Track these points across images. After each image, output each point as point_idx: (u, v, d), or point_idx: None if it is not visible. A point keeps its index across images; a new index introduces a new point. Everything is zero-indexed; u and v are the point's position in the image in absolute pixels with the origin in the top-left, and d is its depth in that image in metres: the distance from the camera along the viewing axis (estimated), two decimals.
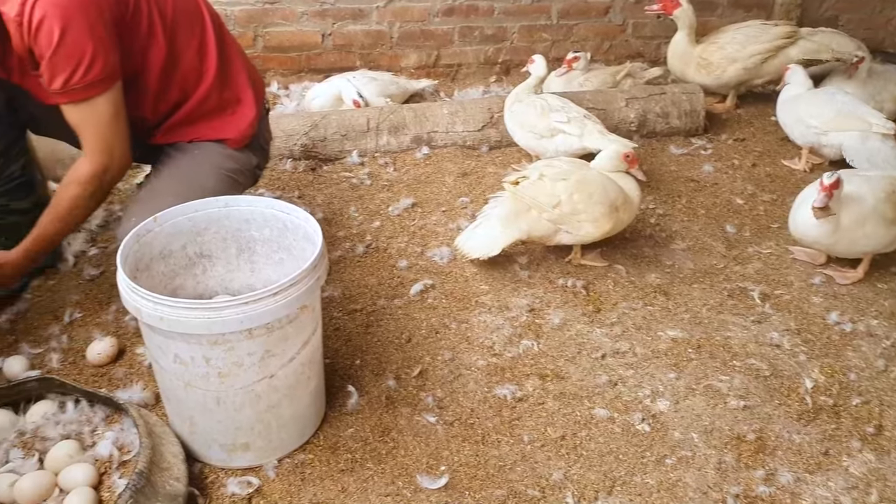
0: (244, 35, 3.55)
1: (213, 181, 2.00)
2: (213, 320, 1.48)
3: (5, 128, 2.00)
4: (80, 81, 1.71)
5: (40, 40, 1.67)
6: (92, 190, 1.84)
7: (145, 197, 1.92)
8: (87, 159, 1.82)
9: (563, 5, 3.83)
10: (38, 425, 1.70)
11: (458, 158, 3.02)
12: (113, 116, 1.80)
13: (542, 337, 2.10)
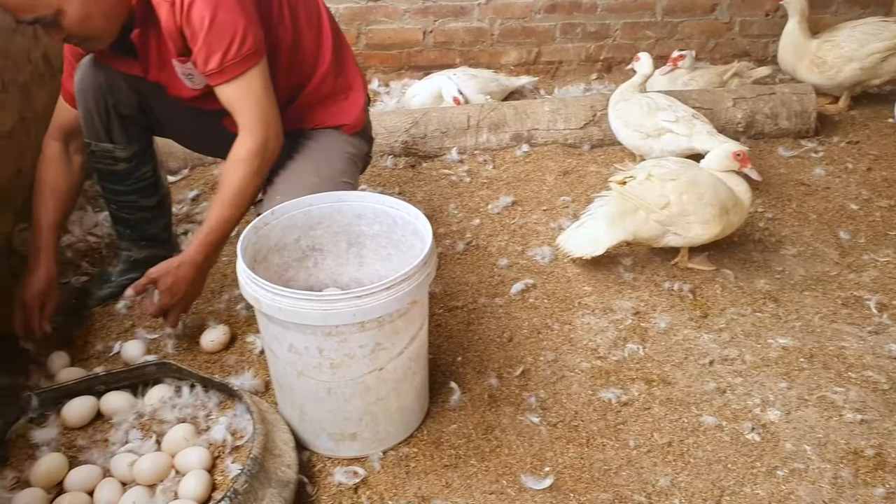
0: (348, 33, 3.60)
1: (342, 163, 2.03)
2: (328, 312, 1.51)
3: (138, 131, 2.07)
4: (235, 56, 1.74)
5: (193, 20, 1.70)
6: (257, 165, 1.83)
7: (287, 178, 1.94)
8: (246, 136, 1.82)
9: (668, 2, 3.75)
10: (155, 408, 1.76)
11: (558, 157, 3.00)
12: (266, 88, 1.82)
13: (648, 341, 2.07)
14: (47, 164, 2.06)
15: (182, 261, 1.86)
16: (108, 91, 1.95)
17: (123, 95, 1.97)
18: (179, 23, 1.73)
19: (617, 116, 2.86)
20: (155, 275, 1.86)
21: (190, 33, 1.74)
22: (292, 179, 1.93)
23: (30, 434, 1.70)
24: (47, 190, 2.04)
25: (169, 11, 1.72)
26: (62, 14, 1.67)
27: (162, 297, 1.86)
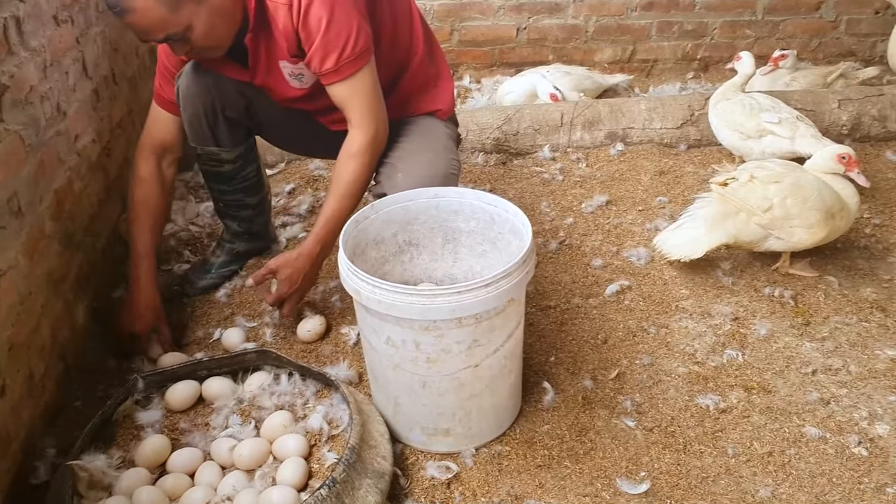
0: (441, 29, 3.62)
1: (448, 142, 2.07)
2: (427, 307, 1.51)
3: (243, 134, 2.12)
4: (350, 55, 1.77)
5: (310, 21, 1.74)
6: (369, 158, 1.89)
7: (404, 157, 1.96)
8: (358, 131, 1.86)
9: (770, 0, 3.63)
10: (254, 394, 1.80)
11: (654, 156, 2.94)
12: (375, 84, 1.86)
13: (747, 347, 2.01)
14: (141, 184, 2.06)
15: (300, 252, 1.92)
16: (217, 96, 2.00)
17: (231, 99, 2.02)
18: (296, 24, 1.76)
19: (717, 116, 2.79)
20: (275, 266, 1.93)
21: (305, 34, 1.77)
22: (409, 159, 1.95)
23: (135, 415, 1.76)
24: (142, 210, 2.05)
25: (287, 14, 1.75)
26: (191, 29, 1.72)
27: (280, 287, 1.94)
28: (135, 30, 1.72)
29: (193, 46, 1.78)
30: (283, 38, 1.81)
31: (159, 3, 1.64)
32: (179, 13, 1.67)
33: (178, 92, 2.00)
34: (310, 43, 1.77)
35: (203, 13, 1.70)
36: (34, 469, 1.64)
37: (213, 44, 1.79)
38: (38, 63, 1.85)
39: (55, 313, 1.87)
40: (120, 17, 1.69)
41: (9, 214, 1.64)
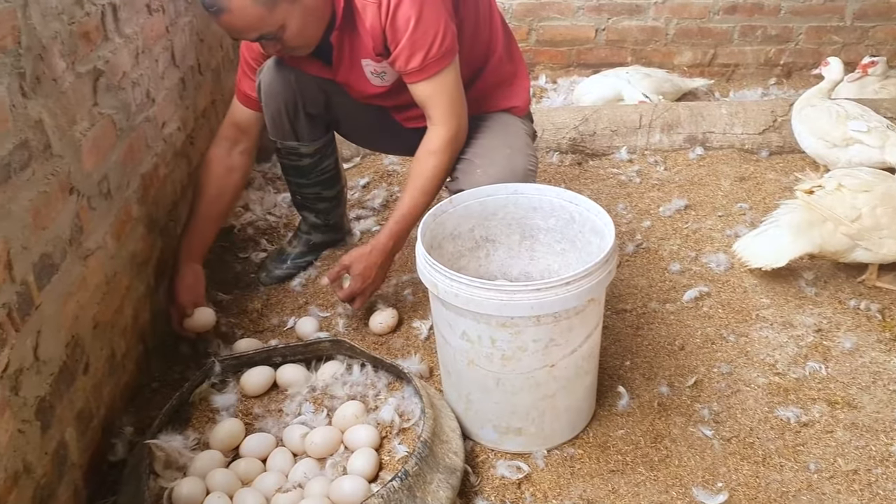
0: (519, 28, 3.60)
1: (525, 137, 2.07)
2: (505, 303, 1.49)
3: (322, 129, 2.15)
4: (435, 54, 1.78)
5: (399, 20, 1.75)
6: (449, 155, 1.90)
7: (483, 152, 1.96)
8: (439, 128, 1.87)
9: (860, 5, 3.52)
10: (327, 383, 1.81)
11: (734, 161, 2.87)
12: (458, 83, 1.87)
13: (831, 360, 1.94)
14: (210, 167, 2.09)
15: (373, 247, 1.93)
16: (300, 92, 2.02)
17: (312, 95, 2.04)
18: (384, 23, 1.77)
19: (801, 122, 2.70)
20: (348, 262, 1.95)
21: (392, 33, 1.77)
22: (487, 155, 1.95)
23: (211, 398, 1.79)
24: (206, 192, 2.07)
25: (375, 12, 1.76)
26: (284, 28, 1.73)
27: (354, 282, 1.95)
28: (229, 29, 1.73)
29: (285, 45, 1.79)
30: (369, 36, 1.81)
31: (255, 2, 1.65)
32: (274, 12, 1.68)
33: (259, 87, 2.03)
34: (396, 42, 1.78)
35: (296, 12, 1.71)
36: (112, 446, 1.68)
37: (303, 42, 1.81)
38: (131, 50, 1.89)
39: (137, 295, 1.91)
40: (216, 17, 1.70)
41: (99, 196, 1.68)
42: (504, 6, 3.53)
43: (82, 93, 1.62)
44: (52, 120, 1.48)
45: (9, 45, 1.34)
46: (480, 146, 1.99)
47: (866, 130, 2.56)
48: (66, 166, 1.54)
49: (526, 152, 1.98)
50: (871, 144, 2.55)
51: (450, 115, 1.86)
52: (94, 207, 1.66)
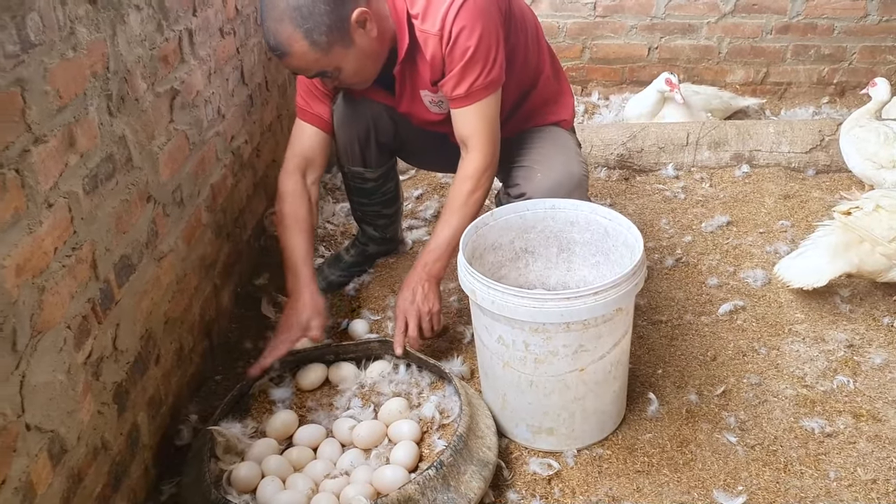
0: (573, 47, 3.70)
1: (576, 146, 2.19)
2: (538, 310, 1.61)
3: (388, 155, 2.30)
4: (482, 83, 1.90)
5: (456, 49, 1.87)
6: (486, 180, 2.00)
7: (539, 160, 2.07)
8: (475, 155, 1.97)
9: None
10: (375, 381, 1.95)
11: (780, 180, 2.93)
12: (497, 112, 1.98)
13: (860, 375, 2.00)
14: (289, 199, 2.11)
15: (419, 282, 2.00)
16: (374, 123, 2.17)
17: (384, 125, 2.19)
18: (444, 52, 1.89)
19: (849, 143, 2.74)
20: (403, 314, 1.98)
21: (450, 61, 1.90)
22: (545, 161, 2.06)
23: (269, 391, 1.95)
24: (294, 224, 2.10)
25: (437, 43, 1.89)
26: (340, 69, 1.87)
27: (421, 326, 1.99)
28: (291, 68, 1.88)
29: (342, 82, 1.93)
30: (428, 67, 1.93)
31: (312, 48, 1.79)
32: (330, 56, 1.82)
33: (333, 115, 2.16)
34: (451, 68, 1.90)
35: (350, 56, 1.84)
36: (178, 432, 1.85)
37: (360, 80, 1.94)
38: (205, 70, 2.07)
39: (204, 295, 2.08)
40: (279, 58, 1.86)
41: (173, 204, 1.86)
42: (559, 25, 3.64)
43: (160, 111, 1.80)
44: (133, 136, 1.66)
45: (99, 70, 1.52)
46: (537, 153, 2.11)
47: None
48: (145, 177, 1.71)
49: (578, 160, 2.10)
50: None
51: (487, 143, 1.97)
52: (168, 214, 1.84)
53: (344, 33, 1.81)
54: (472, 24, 1.85)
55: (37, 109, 1.31)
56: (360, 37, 1.83)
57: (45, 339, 1.32)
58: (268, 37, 1.81)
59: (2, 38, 1.21)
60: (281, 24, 1.77)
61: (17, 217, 1.25)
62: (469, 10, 1.85)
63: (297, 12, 1.75)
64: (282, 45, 1.79)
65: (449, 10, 1.85)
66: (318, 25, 1.77)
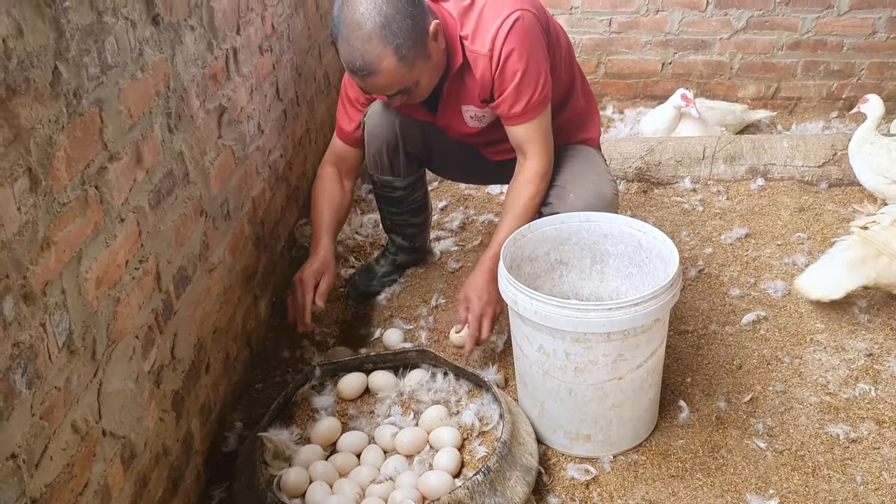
0: (588, 62, 3.78)
1: (605, 165, 2.27)
2: (580, 320, 1.68)
3: (417, 165, 2.36)
4: (537, 99, 1.99)
5: (507, 70, 1.95)
6: (543, 185, 2.09)
7: (571, 179, 2.14)
8: (533, 162, 2.06)
9: None
10: (413, 389, 2.01)
11: (794, 193, 3.00)
12: (549, 123, 2.07)
13: (881, 383, 2.07)
14: (323, 184, 2.29)
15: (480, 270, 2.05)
16: (402, 133, 2.23)
17: (413, 136, 2.25)
18: (494, 73, 1.97)
19: (861, 160, 2.80)
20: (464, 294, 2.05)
21: (500, 82, 1.98)
22: (577, 182, 2.13)
23: (312, 399, 2.00)
24: (323, 202, 2.26)
25: (486, 64, 1.97)
26: (418, 84, 1.93)
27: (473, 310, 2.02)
28: (373, 87, 1.92)
29: (412, 97, 1.98)
30: (477, 85, 2.01)
31: (401, 64, 1.84)
32: (413, 70, 1.88)
33: (363, 126, 2.24)
34: (503, 89, 1.98)
35: (428, 69, 1.92)
36: (225, 438, 1.91)
37: (427, 93, 2.00)
38: (247, 87, 2.14)
39: (246, 305, 2.14)
40: (363, 78, 1.88)
41: (220, 217, 1.92)
42: (575, 41, 3.71)
43: (210, 127, 1.87)
44: (189, 152, 1.73)
45: (161, 89, 1.58)
46: (570, 174, 2.18)
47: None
48: (199, 191, 1.78)
49: (609, 179, 2.18)
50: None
51: (543, 152, 2.07)
52: (217, 227, 1.90)
53: (424, 46, 1.87)
54: (520, 46, 1.93)
55: (112, 128, 1.37)
56: (434, 50, 1.91)
57: (118, 348, 1.38)
58: (353, 58, 1.84)
59: (87, 62, 1.27)
60: (370, 44, 1.81)
61: (96, 232, 1.31)
62: (517, 33, 1.92)
63: (387, 30, 1.80)
64: (371, 63, 1.83)
65: (498, 33, 1.92)
66: (406, 40, 1.82)
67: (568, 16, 3.68)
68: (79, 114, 1.25)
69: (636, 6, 3.66)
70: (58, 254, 1.18)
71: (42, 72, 1.14)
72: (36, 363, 1.11)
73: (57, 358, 1.17)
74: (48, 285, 1.15)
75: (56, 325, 1.17)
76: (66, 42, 1.20)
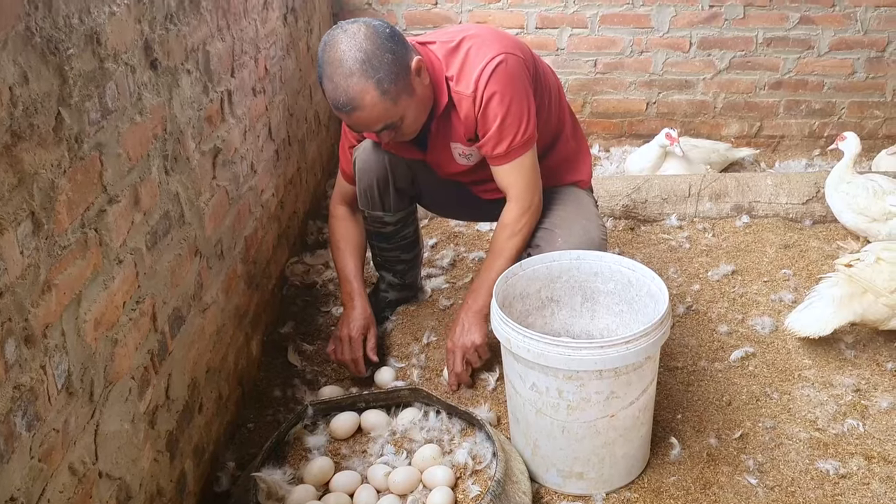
0: (574, 101, 3.84)
1: (594, 208, 2.31)
2: (572, 358, 1.70)
3: (407, 201, 2.39)
4: (519, 141, 2.02)
5: (489, 113, 1.99)
6: (524, 226, 2.12)
7: (560, 223, 2.18)
8: (516, 203, 2.10)
9: None
10: (406, 428, 2.01)
11: (779, 230, 3.05)
12: (535, 163, 2.10)
13: (868, 419, 2.09)
14: (339, 223, 2.37)
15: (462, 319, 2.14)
16: (391, 169, 2.26)
17: (401, 173, 2.28)
18: (476, 113, 2.01)
19: (839, 199, 2.85)
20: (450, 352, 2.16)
21: (483, 123, 2.02)
22: (565, 226, 2.17)
23: (304, 438, 2.00)
24: (344, 244, 2.34)
25: (470, 105, 2.01)
26: (404, 119, 1.96)
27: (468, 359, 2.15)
28: (358, 123, 1.95)
29: (399, 133, 2.01)
30: (462, 124, 2.05)
31: (383, 98, 1.88)
32: (398, 105, 1.91)
33: (354, 163, 2.27)
34: (485, 130, 2.02)
35: (413, 104, 1.95)
36: (217, 478, 1.91)
37: (414, 129, 2.04)
38: (241, 128, 2.17)
39: (238, 344, 2.15)
40: (348, 114, 1.91)
41: (215, 257, 1.94)
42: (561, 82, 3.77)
43: (205, 168, 1.89)
44: (184, 193, 1.75)
45: (159, 132, 1.61)
46: (558, 217, 2.21)
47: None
48: (194, 232, 1.79)
49: (598, 223, 2.21)
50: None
51: (526, 192, 2.10)
52: (211, 267, 1.91)
53: (407, 82, 1.90)
54: (503, 89, 1.97)
55: (111, 171, 1.39)
56: (418, 85, 1.94)
57: (115, 389, 1.39)
58: (336, 95, 1.87)
59: (88, 107, 1.30)
60: (351, 79, 1.84)
61: (95, 274, 1.32)
62: (500, 76, 1.96)
63: (367, 64, 1.83)
64: (354, 99, 1.85)
65: (481, 75, 1.97)
66: (387, 75, 1.85)
67: (554, 56, 3.74)
68: (80, 158, 1.27)
69: (621, 47, 3.74)
70: (58, 296, 1.19)
71: (46, 117, 1.16)
72: (36, 405, 1.12)
73: (56, 400, 1.18)
74: (48, 328, 1.16)
75: (56, 367, 1.18)
76: (70, 88, 1.23)
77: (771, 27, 3.64)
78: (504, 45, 2.01)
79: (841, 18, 3.61)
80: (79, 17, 1.26)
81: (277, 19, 2.62)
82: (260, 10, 2.40)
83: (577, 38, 3.73)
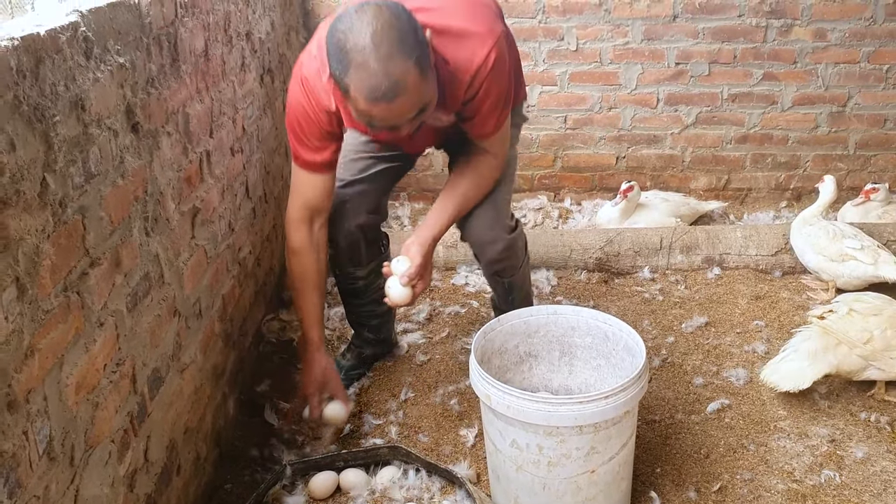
0: (545, 156, 3.91)
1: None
2: (552, 413, 1.71)
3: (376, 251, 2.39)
4: (504, 118, 2.05)
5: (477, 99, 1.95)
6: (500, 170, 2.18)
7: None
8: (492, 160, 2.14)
9: (861, 136, 3.82)
10: (386, 487, 2.00)
11: (750, 281, 3.10)
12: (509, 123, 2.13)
13: (844, 469, 2.11)
14: (296, 259, 2.15)
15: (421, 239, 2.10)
16: (366, 230, 2.27)
17: (372, 222, 2.30)
18: (464, 96, 1.94)
19: (802, 239, 2.98)
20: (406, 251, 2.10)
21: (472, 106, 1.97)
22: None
23: (283, 499, 1.98)
24: (302, 285, 2.18)
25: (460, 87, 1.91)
26: (428, 106, 1.78)
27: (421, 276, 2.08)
28: (393, 113, 1.72)
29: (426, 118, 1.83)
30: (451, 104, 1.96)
31: (422, 78, 1.70)
32: (430, 84, 1.75)
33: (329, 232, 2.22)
34: (472, 112, 1.99)
35: (433, 81, 1.78)
36: None
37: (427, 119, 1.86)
38: (219, 188, 2.18)
39: (215, 403, 2.13)
40: (390, 103, 1.68)
41: (193, 316, 1.93)
42: (532, 137, 3.84)
43: (184, 228, 1.90)
44: (164, 253, 1.75)
45: (140, 194, 1.62)
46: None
47: (860, 248, 2.83)
48: (173, 292, 1.79)
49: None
50: (864, 261, 2.81)
51: (504, 147, 2.15)
52: (189, 326, 1.91)
53: (430, 56, 1.75)
54: (497, 81, 1.94)
55: (94, 234, 1.40)
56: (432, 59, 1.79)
57: (95, 453, 1.38)
58: (376, 82, 1.64)
59: (72, 172, 1.31)
60: (391, 61, 1.63)
61: (77, 337, 1.32)
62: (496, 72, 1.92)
63: (404, 44, 1.65)
64: (399, 82, 1.65)
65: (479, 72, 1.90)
66: (423, 52, 1.70)
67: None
68: (63, 222, 1.27)
69: (590, 104, 3.82)
70: (41, 361, 1.18)
71: (31, 183, 1.17)
72: (17, 472, 1.11)
73: (37, 466, 1.17)
74: (31, 392, 1.15)
75: (38, 433, 1.17)
76: (55, 154, 1.24)
77: (735, 83, 3.75)
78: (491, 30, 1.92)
79: (803, 75, 3.73)
80: (64, 85, 1.28)
81: (254, 80, 2.65)
82: (238, 72, 2.43)
83: (548, 95, 3.81)
